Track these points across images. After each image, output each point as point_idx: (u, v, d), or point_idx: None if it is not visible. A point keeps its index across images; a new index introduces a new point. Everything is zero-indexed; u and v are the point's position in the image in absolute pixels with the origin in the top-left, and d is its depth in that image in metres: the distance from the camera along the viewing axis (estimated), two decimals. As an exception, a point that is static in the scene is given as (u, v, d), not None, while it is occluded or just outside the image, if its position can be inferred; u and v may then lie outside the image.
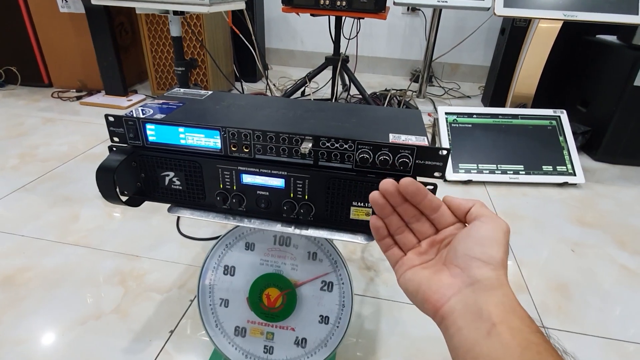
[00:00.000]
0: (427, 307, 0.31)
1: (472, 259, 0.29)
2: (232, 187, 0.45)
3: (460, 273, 0.29)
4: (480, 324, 0.26)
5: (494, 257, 0.28)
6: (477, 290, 0.28)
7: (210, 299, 0.54)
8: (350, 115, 0.49)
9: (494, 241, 0.29)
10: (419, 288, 0.31)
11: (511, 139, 1.30)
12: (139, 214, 0.97)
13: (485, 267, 0.28)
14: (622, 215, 1.10)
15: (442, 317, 0.29)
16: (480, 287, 0.28)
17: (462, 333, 0.27)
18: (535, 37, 1.35)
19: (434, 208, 0.34)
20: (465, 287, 0.28)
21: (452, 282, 0.29)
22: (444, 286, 0.30)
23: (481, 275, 0.28)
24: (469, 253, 0.29)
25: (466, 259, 0.29)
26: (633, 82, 1.28)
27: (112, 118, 0.45)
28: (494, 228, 0.30)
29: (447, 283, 0.30)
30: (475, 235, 0.30)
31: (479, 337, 0.26)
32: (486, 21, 2.27)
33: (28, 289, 0.74)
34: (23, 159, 1.23)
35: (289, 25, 2.60)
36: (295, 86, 1.79)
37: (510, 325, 0.26)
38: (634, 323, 0.75)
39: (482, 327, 0.26)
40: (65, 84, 1.89)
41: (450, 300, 0.29)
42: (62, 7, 1.71)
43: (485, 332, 0.26)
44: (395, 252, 0.36)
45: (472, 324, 0.27)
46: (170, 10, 1.14)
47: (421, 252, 0.34)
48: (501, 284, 0.28)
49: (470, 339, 0.26)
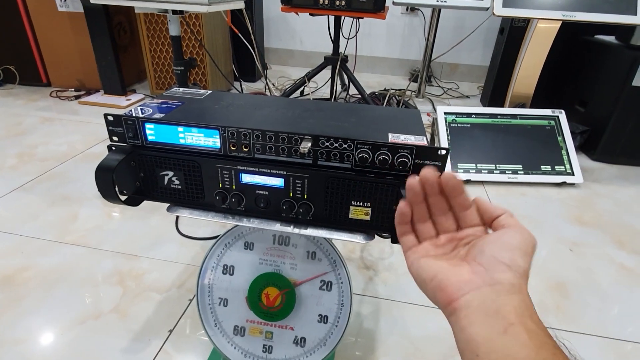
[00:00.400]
0: (440, 297, 0.31)
1: (499, 262, 0.30)
2: (231, 186, 0.45)
3: (483, 272, 0.30)
4: (496, 322, 0.27)
5: (520, 266, 0.29)
6: (497, 291, 0.29)
7: (210, 298, 0.54)
8: (350, 114, 0.49)
9: (522, 251, 0.30)
10: (434, 277, 0.32)
11: (510, 138, 1.30)
12: (138, 214, 0.97)
13: (509, 272, 0.29)
14: (620, 215, 1.10)
15: (454, 309, 0.30)
16: (501, 288, 0.29)
17: (475, 328, 0.28)
18: (534, 37, 1.35)
19: (465, 206, 0.35)
20: (486, 286, 0.29)
21: (472, 278, 0.30)
22: (463, 280, 0.30)
23: (505, 278, 0.29)
24: (496, 256, 0.30)
25: (492, 261, 0.30)
26: (631, 82, 1.29)
27: (111, 117, 0.44)
28: (524, 240, 0.31)
29: (466, 278, 0.30)
30: (506, 241, 0.31)
31: (493, 333, 0.27)
32: (485, 21, 2.28)
33: (27, 289, 0.74)
34: (21, 158, 1.23)
35: (288, 25, 2.60)
36: (294, 86, 1.79)
37: (527, 326, 0.27)
38: (632, 322, 0.75)
39: (498, 325, 0.27)
40: (64, 84, 1.89)
41: (467, 295, 0.29)
42: (60, 6, 1.71)
43: (501, 329, 0.27)
44: (411, 239, 0.36)
45: (487, 320, 0.27)
46: (169, 10, 1.13)
47: (438, 245, 0.35)
48: (521, 291, 0.29)
49: (483, 334, 0.27)
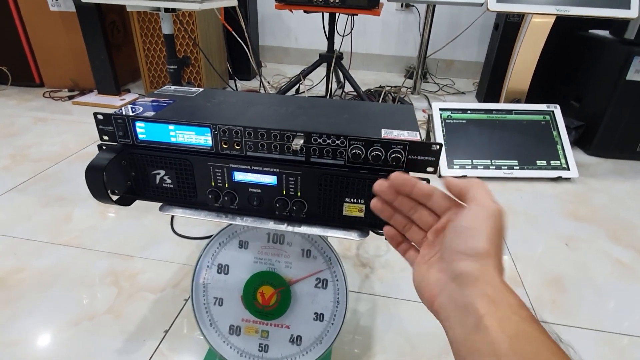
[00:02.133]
0: (424, 302, 0.31)
1: (455, 253, 0.28)
2: (223, 184, 0.45)
3: (446, 267, 0.29)
4: (467, 319, 0.26)
5: (475, 247, 0.27)
6: (461, 284, 0.27)
7: (204, 298, 0.54)
8: (343, 111, 0.49)
9: (476, 231, 0.28)
10: (417, 285, 0.32)
11: (505, 134, 1.30)
12: (133, 214, 0.97)
13: (467, 259, 0.27)
14: (616, 209, 1.10)
15: (436, 312, 0.29)
16: (463, 280, 0.27)
17: (452, 330, 0.27)
18: (529, 33, 1.35)
19: (426, 194, 0.34)
20: (450, 282, 0.28)
21: (439, 277, 0.29)
22: (432, 282, 0.30)
23: (464, 267, 0.27)
24: (452, 246, 0.29)
25: (451, 253, 0.29)
26: (626, 77, 1.29)
27: (101, 116, 0.44)
28: (477, 216, 0.28)
29: (435, 278, 0.30)
30: (457, 227, 0.29)
31: (467, 332, 0.25)
32: (480, 17, 2.27)
33: (20, 291, 0.73)
34: (14, 159, 1.22)
35: (282, 23, 2.59)
36: (289, 84, 1.79)
37: (498, 315, 0.25)
38: (627, 316, 0.75)
39: (470, 322, 0.26)
40: (57, 84, 1.87)
41: (440, 296, 0.29)
42: (52, 6, 1.69)
43: (473, 326, 0.25)
44: (412, 254, 0.36)
45: (460, 318, 0.26)
46: (161, 8, 1.12)
47: (429, 245, 0.34)
48: (484, 274, 0.27)
49: (460, 335, 0.26)
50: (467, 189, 0.30)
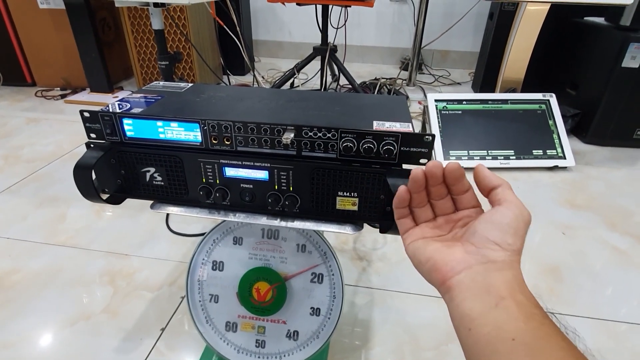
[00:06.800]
0: (435, 277, 0.32)
1: (490, 242, 0.31)
2: (215, 181, 0.44)
3: (475, 251, 0.31)
4: (488, 297, 0.28)
5: (511, 244, 0.30)
6: (488, 268, 0.30)
7: (200, 295, 0.54)
8: (334, 103, 0.48)
9: (514, 230, 0.31)
10: (430, 258, 0.33)
11: (501, 124, 1.30)
12: (127, 212, 0.96)
13: (500, 250, 0.30)
14: (612, 197, 1.10)
15: (448, 287, 0.31)
16: (492, 266, 0.30)
17: (468, 303, 0.29)
18: (523, 21, 1.34)
19: (464, 190, 0.35)
20: (478, 264, 0.30)
21: (464, 257, 0.31)
22: (455, 260, 0.31)
23: (496, 256, 0.30)
24: (487, 235, 0.31)
25: (484, 240, 0.31)
26: (621, 64, 1.28)
27: (87, 114, 0.43)
28: (516, 217, 0.31)
29: (459, 257, 0.31)
30: (497, 221, 0.31)
31: (485, 307, 0.28)
32: (474, 6, 2.26)
33: (16, 292, 0.73)
34: (7, 160, 1.21)
35: (276, 16, 2.56)
36: (283, 78, 1.77)
37: (517, 300, 0.28)
38: (625, 303, 0.75)
39: (490, 300, 0.28)
40: (49, 83, 1.85)
41: (461, 274, 0.30)
42: (41, 3, 1.67)
43: (493, 303, 0.28)
44: (407, 222, 0.37)
45: (479, 296, 0.29)
46: (150, 2, 1.11)
47: (435, 226, 0.36)
48: (512, 267, 0.30)
49: (475, 309, 0.28)
50: (498, 186, 0.33)
